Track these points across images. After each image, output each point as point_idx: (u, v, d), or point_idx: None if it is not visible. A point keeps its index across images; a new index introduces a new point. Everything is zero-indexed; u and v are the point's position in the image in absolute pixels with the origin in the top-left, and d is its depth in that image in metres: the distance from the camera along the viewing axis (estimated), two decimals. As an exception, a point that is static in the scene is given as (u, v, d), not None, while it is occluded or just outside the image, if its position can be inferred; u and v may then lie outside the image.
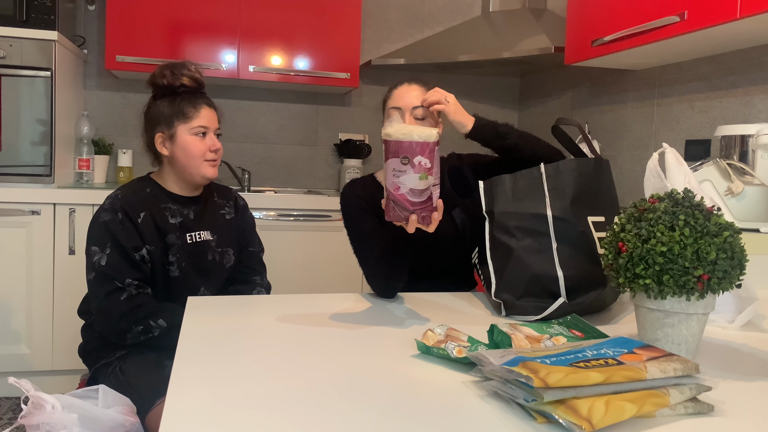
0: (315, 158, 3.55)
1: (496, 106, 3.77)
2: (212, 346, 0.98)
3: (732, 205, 1.65)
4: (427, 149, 1.04)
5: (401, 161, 1.05)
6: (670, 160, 1.15)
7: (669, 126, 2.56)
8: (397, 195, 1.08)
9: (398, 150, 1.05)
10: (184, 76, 1.61)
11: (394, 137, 1.05)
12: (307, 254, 2.89)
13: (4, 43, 2.57)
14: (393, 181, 1.07)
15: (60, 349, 2.63)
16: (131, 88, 3.25)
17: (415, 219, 1.10)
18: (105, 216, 1.55)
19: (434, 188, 1.08)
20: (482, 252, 1.36)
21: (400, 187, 1.07)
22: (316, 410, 0.73)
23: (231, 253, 1.72)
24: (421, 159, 1.04)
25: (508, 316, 1.24)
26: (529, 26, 3.02)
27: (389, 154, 1.06)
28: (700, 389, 0.75)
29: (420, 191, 1.07)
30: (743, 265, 0.89)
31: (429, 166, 1.05)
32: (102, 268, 1.52)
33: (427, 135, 1.04)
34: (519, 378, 0.70)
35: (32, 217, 2.57)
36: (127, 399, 1.39)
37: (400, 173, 1.06)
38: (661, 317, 0.92)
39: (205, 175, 1.64)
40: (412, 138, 1.04)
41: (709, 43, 2.14)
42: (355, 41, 3.16)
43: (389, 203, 1.10)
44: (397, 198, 1.08)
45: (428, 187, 1.07)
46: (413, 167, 1.05)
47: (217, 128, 1.66)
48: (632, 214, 0.95)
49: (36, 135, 2.65)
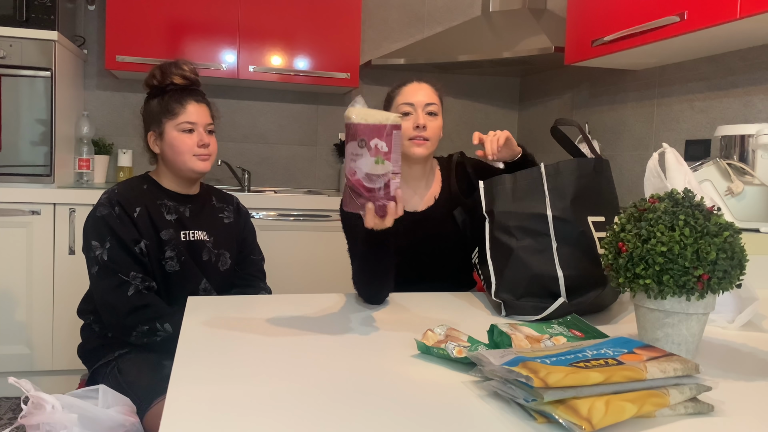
0: (315, 158, 3.55)
1: (496, 106, 3.77)
2: (212, 346, 0.98)
3: (732, 205, 1.65)
4: (384, 132, 1.02)
5: (358, 144, 1.02)
6: (670, 160, 1.15)
7: (669, 126, 2.56)
8: (353, 180, 1.04)
9: (356, 133, 1.02)
10: (173, 75, 1.62)
11: (352, 120, 1.03)
12: (307, 254, 2.89)
13: (4, 43, 2.57)
14: (350, 166, 1.03)
15: (60, 349, 2.63)
16: (131, 88, 3.25)
17: (371, 208, 1.06)
18: (102, 210, 1.55)
19: (393, 176, 1.05)
20: (482, 252, 1.36)
21: (356, 171, 1.03)
22: (316, 410, 0.73)
23: (228, 256, 1.71)
24: (377, 142, 1.02)
25: (508, 316, 1.24)
26: (529, 26, 3.02)
27: (348, 138, 1.04)
28: (700, 389, 0.75)
29: (376, 176, 1.04)
30: (743, 265, 0.89)
31: (386, 150, 1.02)
32: (105, 261, 1.52)
33: (385, 118, 1.02)
34: (519, 378, 0.70)
35: (32, 217, 2.57)
36: (127, 399, 1.39)
37: (357, 157, 1.03)
38: (661, 317, 0.92)
39: (193, 169, 1.63)
40: (368, 120, 1.01)
41: (709, 43, 2.14)
42: (355, 41, 3.16)
43: (346, 191, 1.07)
44: (353, 184, 1.04)
45: (386, 173, 1.04)
46: (369, 150, 1.02)
47: (207, 123, 1.65)
48: (632, 214, 0.95)
49: (36, 135, 2.65)
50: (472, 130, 3.75)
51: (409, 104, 1.52)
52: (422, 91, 1.54)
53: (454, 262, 1.61)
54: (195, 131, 1.62)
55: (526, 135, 3.65)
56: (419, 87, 1.55)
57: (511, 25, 3.15)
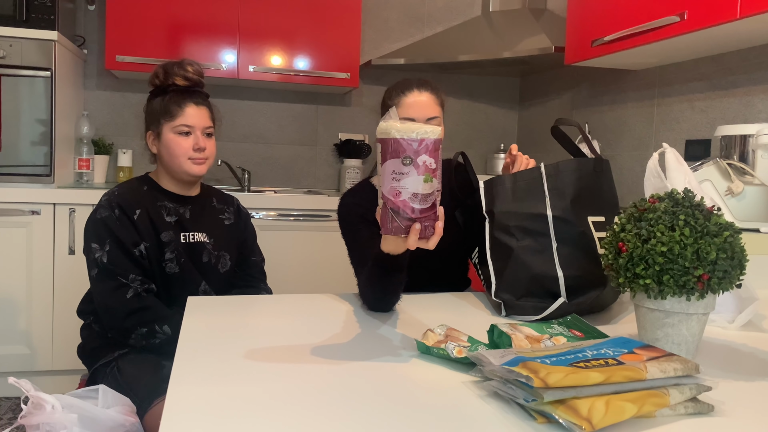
0: (315, 158, 3.55)
1: (496, 106, 3.77)
2: (212, 346, 0.98)
3: (732, 205, 1.65)
4: (432, 147, 0.91)
5: (402, 162, 0.91)
6: (670, 160, 1.15)
7: (669, 126, 2.56)
8: (397, 202, 0.93)
9: (398, 149, 0.91)
10: (176, 76, 1.61)
11: (394, 136, 0.91)
12: (307, 254, 2.89)
13: (4, 43, 2.57)
14: (392, 186, 0.93)
15: (60, 349, 2.63)
16: (131, 88, 3.25)
17: (417, 229, 0.95)
18: (102, 213, 1.55)
19: (437, 194, 0.95)
20: (482, 252, 1.36)
21: (401, 192, 0.92)
22: (316, 410, 0.73)
23: (228, 258, 1.71)
24: (425, 159, 0.91)
25: (508, 316, 1.24)
26: (529, 26, 3.02)
27: (387, 155, 0.92)
28: (700, 389, 0.75)
29: (424, 196, 0.93)
30: (743, 265, 0.89)
31: (434, 167, 0.92)
32: (104, 264, 1.52)
33: (429, 131, 0.92)
34: (519, 378, 0.70)
35: (32, 217, 2.57)
36: (127, 399, 1.39)
37: (401, 176, 0.92)
38: (661, 317, 0.92)
39: (188, 172, 1.62)
40: (412, 135, 0.91)
41: (709, 43, 2.14)
42: (355, 41, 3.16)
43: (386, 213, 0.95)
44: (397, 205, 0.93)
45: (433, 192, 0.94)
46: (417, 168, 0.91)
47: (206, 127, 1.63)
48: (632, 214, 0.95)
49: (36, 135, 2.65)
50: (472, 130, 3.78)
51: (409, 119, 1.39)
52: (423, 103, 1.43)
53: (453, 262, 1.61)
54: (192, 134, 1.61)
55: (526, 135, 3.65)
56: (419, 97, 1.43)
57: (511, 25, 3.15)
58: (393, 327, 1.13)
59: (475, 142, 3.73)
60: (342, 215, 1.53)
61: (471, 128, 3.73)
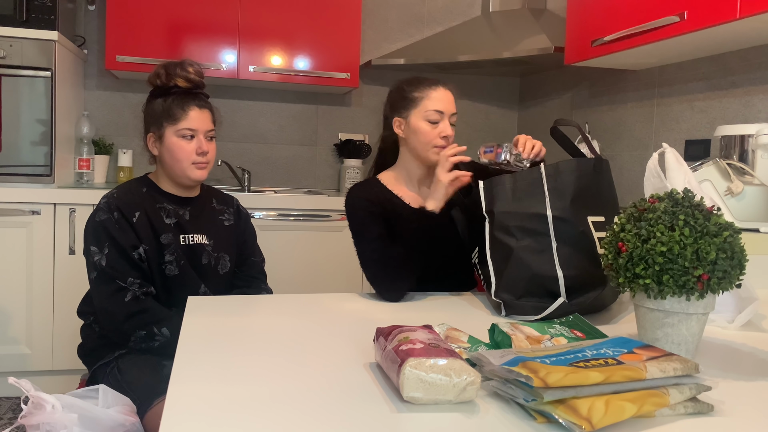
0: (315, 158, 3.55)
1: (496, 106, 3.77)
2: (212, 346, 0.98)
3: (732, 205, 1.65)
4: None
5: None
6: (670, 160, 1.15)
7: (669, 126, 2.56)
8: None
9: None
10: (178, 77, 1.60)
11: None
12: (307, 254, 2.89)
13: (4, 43, 2.57)
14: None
15: (60, 349, 2.63)
16: (131, 88, 3.25)
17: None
18: (101, 215, 1.55)
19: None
20: (482, 252, 1.36)
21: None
22: (316, 410, 0.73)
23: (227, 259, 1.70)
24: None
25: (508, 316, 1.24)
26: (529, 26, 3.02)
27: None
28: (700, 389, 0.75)
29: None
30: (743, 265, 0.89)
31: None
32: (103, 268, 1.52)
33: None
34: (519, 378, 0.70)
35: (32, 217, 2.57)
36: (127, 399, 1.39)
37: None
38: (661, 317, 0.92)
39: (190, 177, 1.62)
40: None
41: (709, 43, 2.14)
42: (355, 41, 3.16)
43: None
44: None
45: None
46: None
47: (208, 130, 1.63)
48: (632, 214, 0.95)
49: (36, 135, 2.65)
50: (472, 130, 3.78)
51: (439, 112, 1.60)
52: (450, 99, 1.63)
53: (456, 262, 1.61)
54: (195, 138, 1.61)
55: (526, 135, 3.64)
56: (446, 94, 1.62)
57: (511, 25, 3.15)
58: (393, 327, 1.13)
59: (475, 142, 3.72)
60: (352, 210, 1.56)
61: (471, 128, 3.73)
